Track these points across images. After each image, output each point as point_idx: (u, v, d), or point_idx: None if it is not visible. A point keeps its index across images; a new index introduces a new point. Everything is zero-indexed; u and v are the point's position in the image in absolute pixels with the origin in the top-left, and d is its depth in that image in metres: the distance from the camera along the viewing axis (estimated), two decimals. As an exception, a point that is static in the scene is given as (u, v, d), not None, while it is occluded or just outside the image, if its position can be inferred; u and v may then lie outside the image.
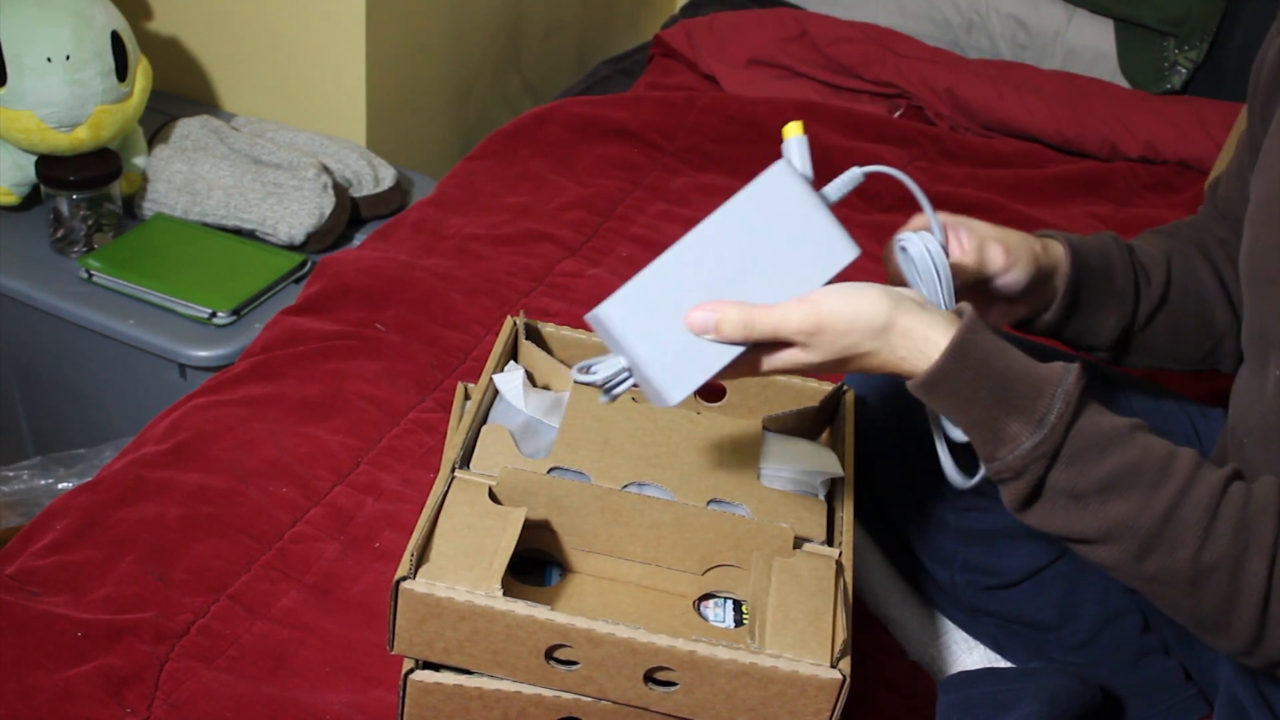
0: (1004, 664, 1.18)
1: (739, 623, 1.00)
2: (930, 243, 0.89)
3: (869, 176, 0.89)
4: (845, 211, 1.78)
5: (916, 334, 0.82)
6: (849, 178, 0.88)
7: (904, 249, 0.90)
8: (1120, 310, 1.04)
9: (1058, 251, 1.01)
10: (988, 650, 1.19)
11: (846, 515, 1.01)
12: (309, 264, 1.67)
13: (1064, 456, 0.81)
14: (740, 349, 0.84)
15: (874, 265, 1.20)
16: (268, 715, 0.99)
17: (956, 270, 0.91)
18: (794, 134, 0.85)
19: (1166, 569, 0.81)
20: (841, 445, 1.09)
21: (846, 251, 0.85)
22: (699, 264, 0.83)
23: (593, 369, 0.85)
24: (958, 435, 0.87)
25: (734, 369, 0.85)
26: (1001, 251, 0.94)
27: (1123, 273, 1.04)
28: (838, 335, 0.81)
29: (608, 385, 0.86)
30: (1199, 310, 1.08)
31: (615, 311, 0.82)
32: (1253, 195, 0.95)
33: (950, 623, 1.21)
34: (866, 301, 0.81)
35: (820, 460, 1.06)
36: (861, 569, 1.20)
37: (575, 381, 0.86)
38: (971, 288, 0.95)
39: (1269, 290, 0.91)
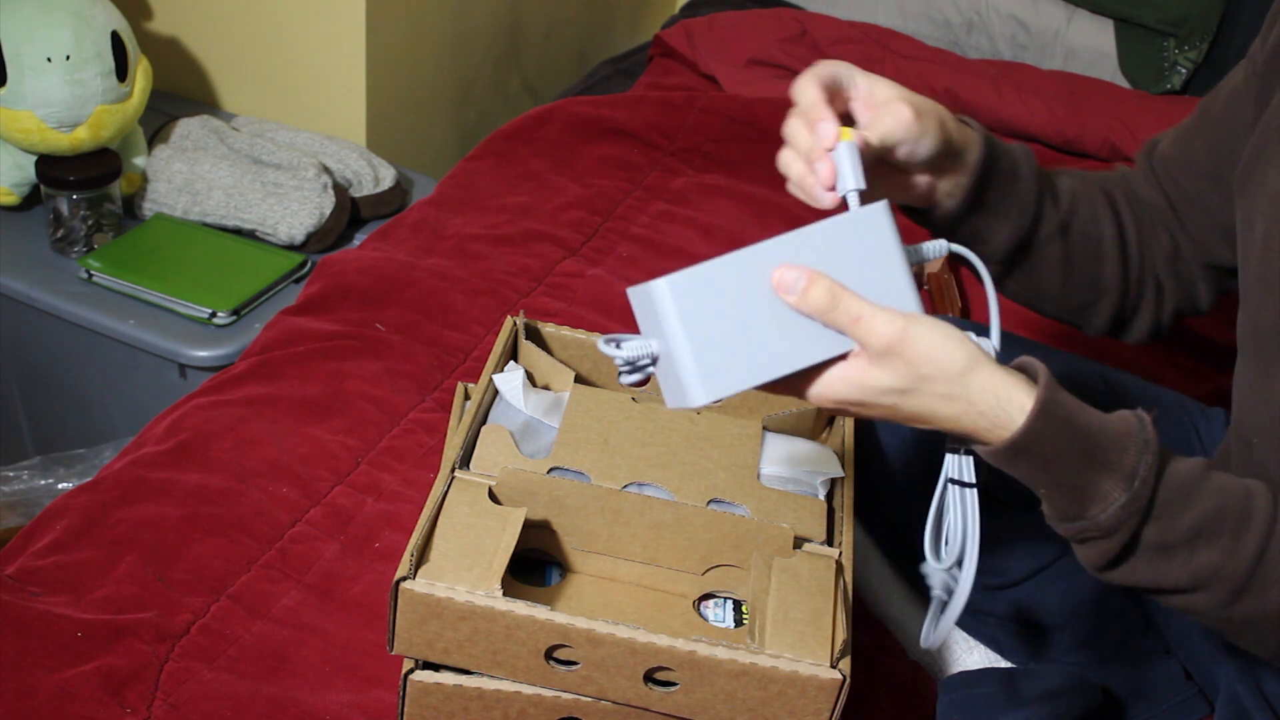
0: (1004, 664, 1.18)
1: (739, 623, 1.00)
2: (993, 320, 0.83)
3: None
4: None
5: (999, 389, 0.75)
6: (934, 248, 0.83)
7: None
8: (1020, 221, 0.98)
9: (969, 135, 0.93)
10: (988, 650, 1.19)
11: (846, 515, 1.01)
12: (309, 264, 1.67)
13: (1155, 510, 0.78)
14: (793, 368, 0.76)
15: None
16: (268, 715, 0.99)
17: (861, 140, 0.82)
18: (846, 139, 0.81)
19: (1259, 611, 0.80)
20: (841, 445, 1.09)
21: (911, 309, 0.78)
22: (769, 270, 0.77)
23: (620, 344, 0.78)
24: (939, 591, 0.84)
25: (781, 385, 0.78)
26: (910, 115, 0.85)
27: (1030, 181, 0.97)
28: (916, 360, 0.74)
29: (632, 365, 0.78)
30: (1093, 257, 1.03)
31: (672, 289, 0.75)
32: (1264, 190, 0.94)
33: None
34: (954, 340, 0.75)
35: (820, 460, 1.06)
36: (861, 569, 1.20)
37: (600, 349, 0.78)
38: (874, 160, 0.86)
39: None
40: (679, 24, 2.23)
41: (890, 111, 0.85)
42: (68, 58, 1.58)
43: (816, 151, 0.81)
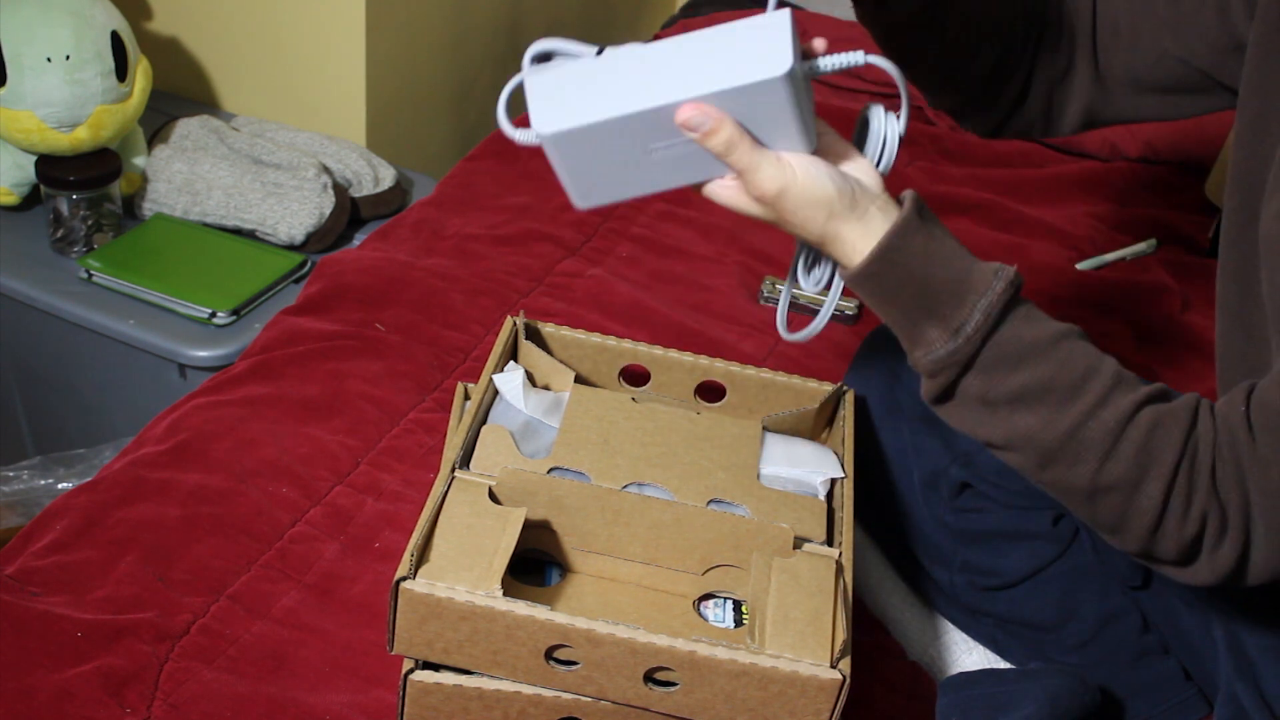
0: (1003, 665, 1.18)
1: (739, 623, 1.00)
2: (891, 127, 0.87)
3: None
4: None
5: (854, 240, 0.82)
6: (841, 60, 0.83)
7: (866, 119, 0.88)
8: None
9: None
10: (987, 651, 1.19)
11: (846, 515, 1.01)
12: (309, 264, 1.67)
13: (977, 365, 0.82)
14: (673, 186, 0.83)
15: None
16: (268, 715, 0.99)
17: None
18: None
19: (1065, 481, 0.83)
20: (841, 445, 1.10)
21: (795, 142, 0.80)
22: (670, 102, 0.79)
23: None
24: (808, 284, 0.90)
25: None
26: None
27: None
28: (786, 212, 0.81)
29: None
30: (971, 46, 1.01)
31: (556, 143, 0.80)
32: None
33: (950, 623, 1.21)
34: (821, 197, 0.81)
35: (820, 460, 1.06)
36: (861, 569, 1.20)
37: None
38: None
39: None
40: (679, 24, 2.24)
41: None
42: (68, 58, 1.58)
43: None
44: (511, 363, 1.13)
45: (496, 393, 1.08)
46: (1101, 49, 1.03)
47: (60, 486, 1.55)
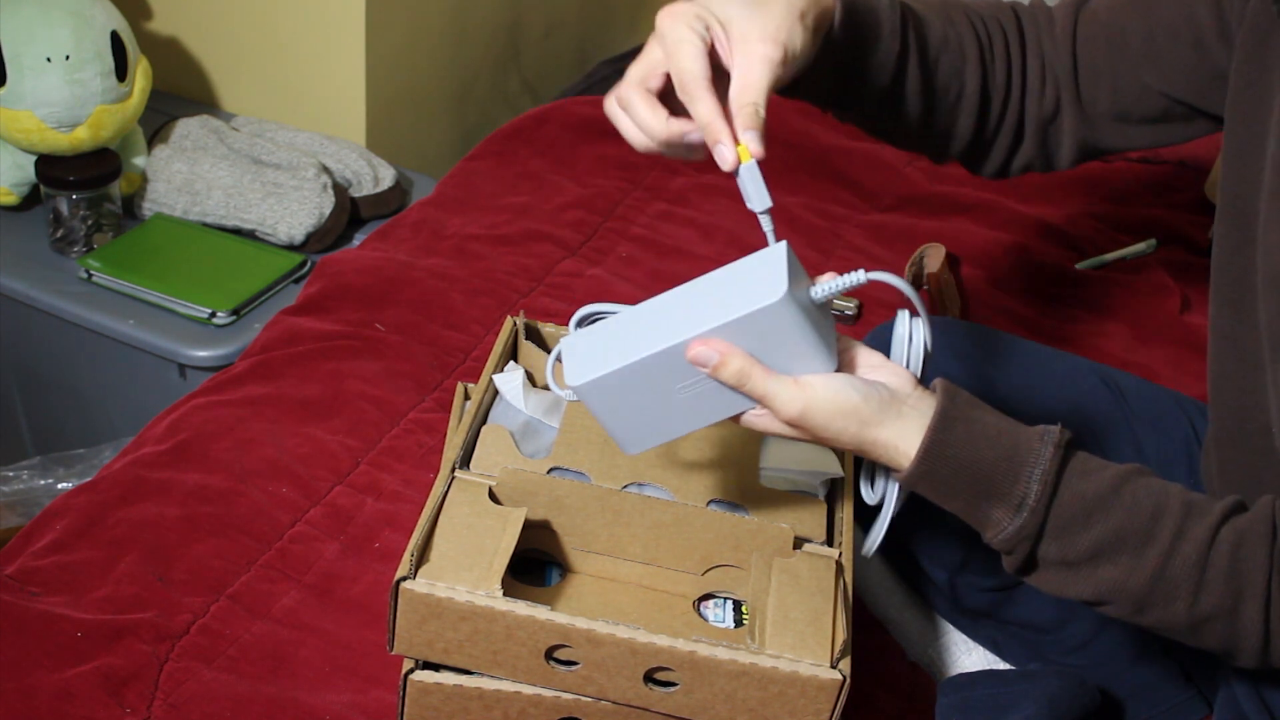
0: (1003, 666, 1.18)
1: (739, 623, 1.00)
2: (916, 330, 0.87)
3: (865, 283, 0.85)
4: (844, 210, 1.77)
5: (892, 442, 0.82)
6: (841, 282, 0.83)
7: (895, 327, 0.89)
8: (879, 80, 0.98)
9: (828, 13, 0.92)
10: (987, 652, 1.19)
11: (846, 515, 1.01)
12: (309, 264, 1.67)
13: (1048, 533, 0.82)
14: (708, 423, 0.86)
15: (857, 259, 1.20)
16: (268, 715, 0.99)
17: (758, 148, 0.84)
18: (746, 160, 0.83)
19: (1164, 621, 0.84)
20: (841, 445, 1.09)
21: (815, 363, 0.82)
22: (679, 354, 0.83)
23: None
24: (869, 496, 0.89)
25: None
26: (779, 56, 0.85)
27: (891, 42, 0.97)
28: (816, 429, 0.82)
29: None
30: (950, 109, 1.03)
31: (583, 394, 0.85)
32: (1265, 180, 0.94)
33: (949, 624, 1.21)
34: (848, 408, 0.81)
35: (820, 460, 1.06)
36: (861, 570, 1.20)
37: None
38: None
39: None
40: (679, 24, 2.23)
41: (756, 68, 0.84)
42: (67, 58, 1.58)
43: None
44: (511, 363, 1.13)
45: (496, 393, 1.08)
46: (1084, 88, 1.04)
47: (60, 486, 1.55)
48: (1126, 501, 0.82)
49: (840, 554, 0.97)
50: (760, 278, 0.80)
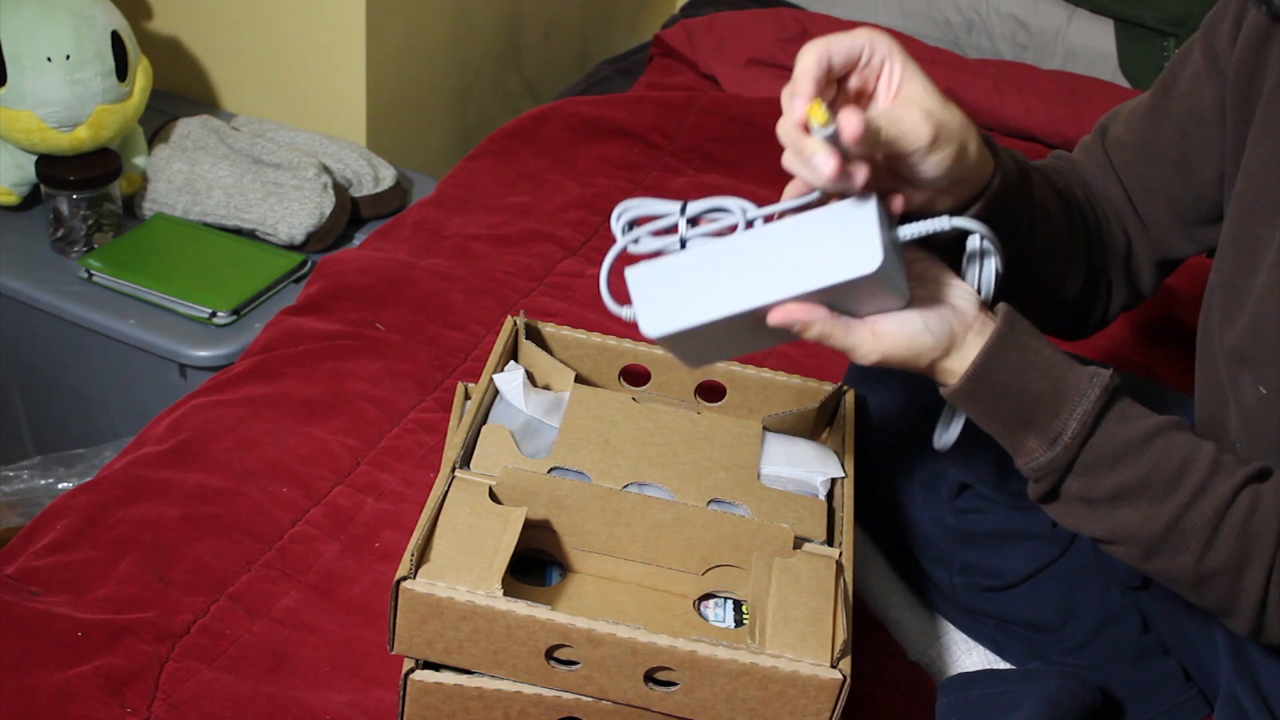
0: (1003, 665, 1.18)
1: (739, 623, 1.00)
2: (989, 255, 0.88)
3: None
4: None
5: (950, 370, 0.85)
6: (933, 225, 0.84)
7: (969, 257, 0.89)
8: (1008, 251, 0.93)
9: (986, 168, 0.89)
10: (987, 651, 1.19)
11: (846, 515, 1.01)
12: (309, 264, 1.67)
13: (1076, 469, 0.85)
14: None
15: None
16: (268, 715, 0.99)
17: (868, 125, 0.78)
18: (819, 120, 0.76)
19: (1170, 570, 0.86)
20: (841, 445, 1.10)
21: (894, 303, 0.83)
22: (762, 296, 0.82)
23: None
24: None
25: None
26: (927, 135, 0.81)
27: (1023, 213, 0.94)
28: (892, 365, 0.85)
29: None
30: (1062, 277, 1.02)
31: (661, 339, 0.84)
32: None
33: (949, 624, 1.21)
34: (923, 345, 0.84)
35: (820, 460, 1.06)
36: (861, 569, 1.20)
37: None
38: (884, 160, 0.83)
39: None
40: (679, 24, 2.23)
41: (909, 117, 0.81)
42: (68, 57, 1.58)
43: (800, 137, 0.78)
44: (512, 362, 1.13)
45: (497, 392, 1.08)
46: (1144, 213, 1.05)
47: (60, 486, 1.55)
48: (1158, 451, 0.84)
49: (840, 554, 0.97)
50: (852, 235, 0.79)
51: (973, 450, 1.12)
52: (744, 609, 1.01)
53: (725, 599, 1.02)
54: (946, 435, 0.92)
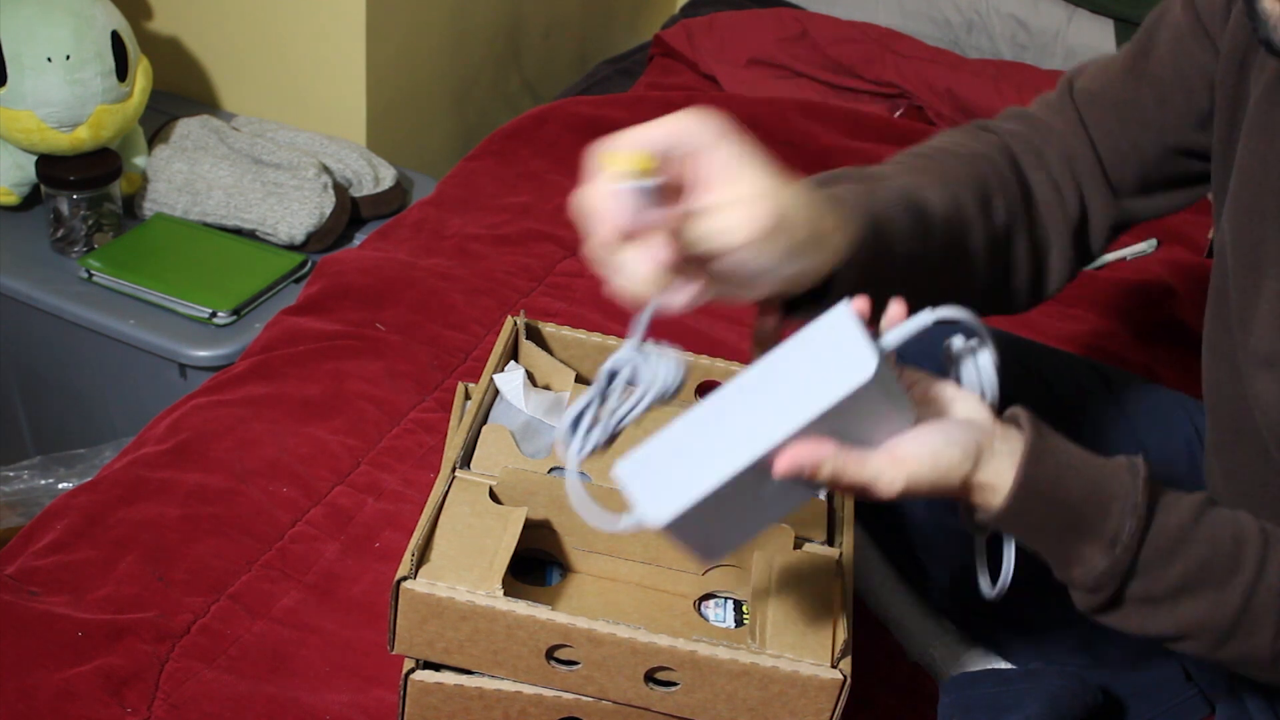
0: (1005, 665, 1.18)
1: (739, 623, 1.00)
2: (984, 356, 0.82)
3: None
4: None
5: (985, 486, 0.78)
6: (917, 323, 0.76)
7: (951, 352, 0.83)
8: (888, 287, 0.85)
9: (837, 246, 0.78)
10: (988, 651, 1.19)
11: (846, 515, 1.01)
12: (309, 264, 1.67)
13: (1139, 569, 0.80)
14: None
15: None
16: (268, 715, 0.99)
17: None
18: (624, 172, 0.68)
19: (1245, 654, 0.82)
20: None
21: (903, 421, 0.76)
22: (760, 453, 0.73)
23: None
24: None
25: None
26: (764, 221, 0.71)
27: (904, 249, 0.85)
28: (923, 493, 0.77)
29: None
30: (964, 274, 0.94)
31: (668, 527, 0.74)
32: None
33: (950, 624, 1.21)
34: (946, 467, 0.76)
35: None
36: (861, 569, 1.20)
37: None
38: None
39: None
40: (679, 24, 2.23)
41: (739, 210, 0.70)
42: (68, 57, 1.58)
43: (608, 253, 0.69)
44: (512, 362, 1.13)
45: (497, 393, 1.08)
46: (1112, 173, 1.01)
47: (60, 486, 1.55)
48: (1207, 533, 0.80)
49: (840, 554, 0.97)
50: (835, 348, 0.72)
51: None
52: (744, 609, 1.01)
53: (725, 599, 1.02)
54: (1002, 578, 0.83)
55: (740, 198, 0.70)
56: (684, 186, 0.72)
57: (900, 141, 1.95)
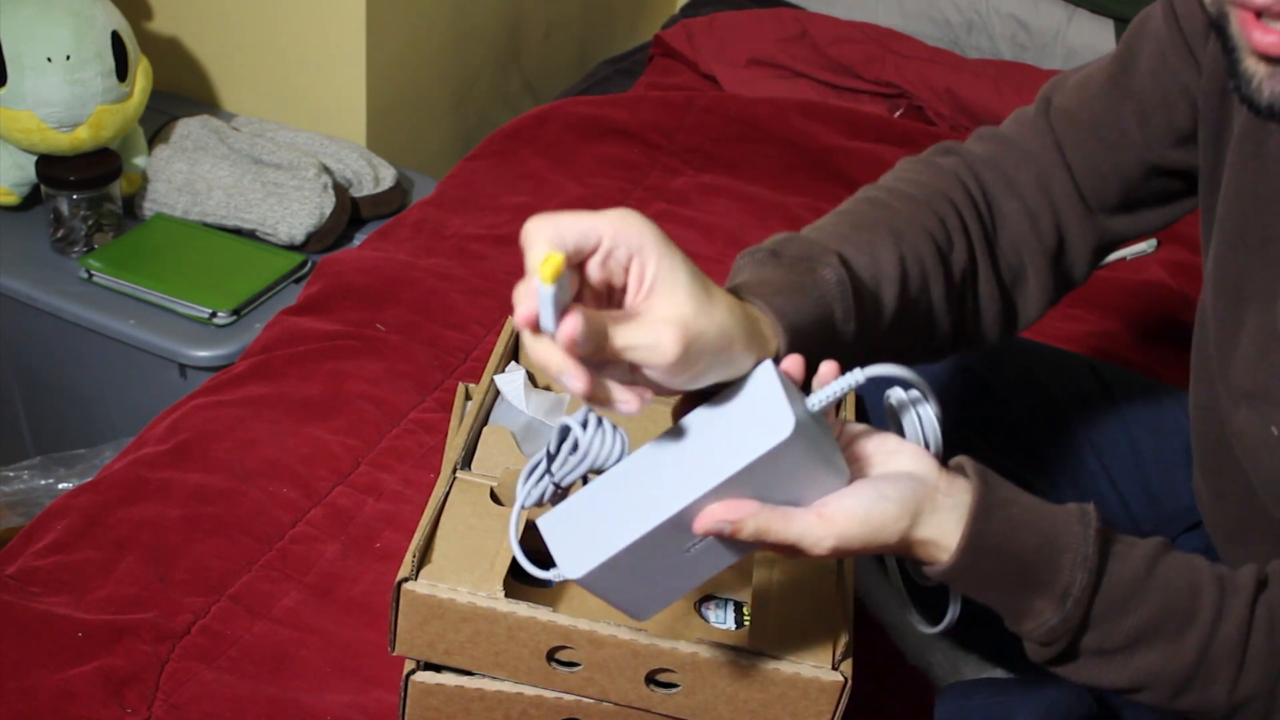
0: (1001, 674, 1.18)
1: (740, 624, 1.00)
2: (925, 407, 0.80)
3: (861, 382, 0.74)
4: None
5: (928, 543, 0.76)
6: (846, 383, 0.73)
7: (893, 405, 0.81)
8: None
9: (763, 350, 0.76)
10: (985, 659, 1.19)
11: (847, 516, 1.01)
12: (309, 264, 1.67)
13: (1092, 622, 0.78)
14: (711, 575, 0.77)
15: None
16: (268, 715, 0.99)
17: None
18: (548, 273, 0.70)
19: (1201, 704, 0.80)
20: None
21: (835, 483, 0.74)
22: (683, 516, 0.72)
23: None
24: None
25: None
26: (676, 354, 0.68)
27: (847, 331, 0.84)
28: (856, 550, 0.75)
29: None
30: (925, 331, 0.93)
31: (584, 581, 0.74)
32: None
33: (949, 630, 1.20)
34: (882, 523, 0.74)
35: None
36: (861, 573, 1.20)
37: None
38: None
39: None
40: (679, 24, 2.23)
41: (652, 331, 0.69)
42: (68, 58, 1.58)
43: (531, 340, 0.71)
44: (513, 363, 1.13)
45: (498, 393, 1.08)
46: (1090, 195, 0.98)
47: (60, 486, 1.54)
48: (1160, 583, 0.78)
49: (841, 555, 0.97)
50: (755, 409, 0.71)
51: (974, 453, 1.12)
52: (745, 610, 1.01)
53: (726, 600, 1.02)
54: (949, 617, 0.82)
55: (657, 319, 0.69)
56: (615, 286, 0.73)
57: (900, 142, 1.96)
